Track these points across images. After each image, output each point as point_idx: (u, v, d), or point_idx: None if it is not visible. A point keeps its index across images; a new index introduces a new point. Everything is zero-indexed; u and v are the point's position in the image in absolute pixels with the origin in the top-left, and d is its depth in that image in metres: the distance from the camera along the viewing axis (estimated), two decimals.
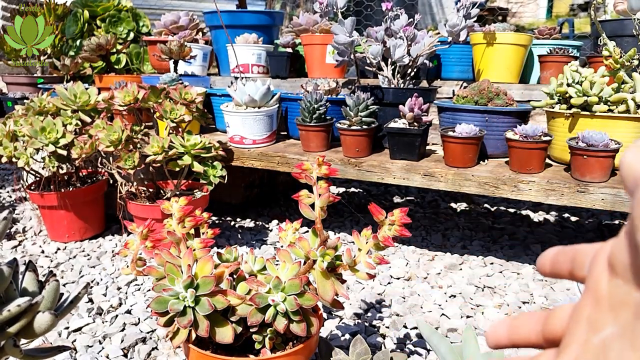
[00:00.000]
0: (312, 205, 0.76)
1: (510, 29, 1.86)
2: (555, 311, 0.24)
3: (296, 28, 2.17)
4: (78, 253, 1.59)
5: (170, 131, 1.49)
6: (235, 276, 0.81)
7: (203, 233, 0.86)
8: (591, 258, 0.22)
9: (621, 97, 1.23)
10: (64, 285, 1.38)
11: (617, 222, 1.93)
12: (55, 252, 1.60)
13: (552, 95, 1.35)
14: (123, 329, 1.15)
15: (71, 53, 2.44)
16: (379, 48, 1.50)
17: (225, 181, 1.50)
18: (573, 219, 1.96)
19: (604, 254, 0.21)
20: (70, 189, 1.65)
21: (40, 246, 1.63)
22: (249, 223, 1.87)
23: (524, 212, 2.03)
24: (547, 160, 1.41)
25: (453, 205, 2.12)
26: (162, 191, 1.62)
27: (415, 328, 1.17)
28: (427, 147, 1.56)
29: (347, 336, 1.12)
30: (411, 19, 1.53)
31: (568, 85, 1.30)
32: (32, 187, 1.67)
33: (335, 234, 1.78)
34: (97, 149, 1.46)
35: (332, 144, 1.61)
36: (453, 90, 1.88)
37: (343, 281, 0.78)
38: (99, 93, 1.60)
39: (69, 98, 1.55)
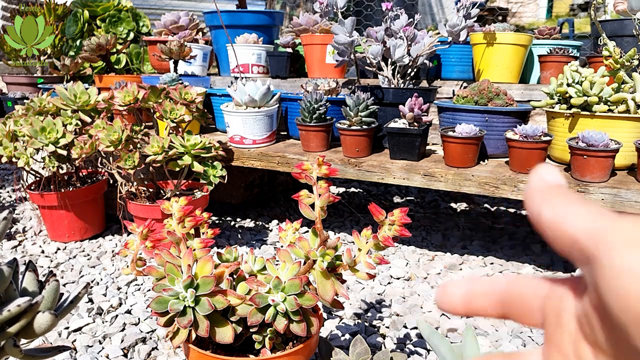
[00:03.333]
0: (312, 205, 0.76)
1: (510, 29, 1.86)
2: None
3: (296, 28, 2.17)
4: (78, 253, 1.59)
5: (170, 131, 1.49)
6: (235, 276, 0.81)
7: (203, 233, 0.86)
8: (549, 310, 0.21)
9: (621, 97, 1.23)
10: (64, 285, 1.38)
11: None
12: (55, 252, 1.59)
13: (552, 95, 1.35)
14: (123, 329, 1.15)
15: (71, 53, 2.44)
16: (379, 48, 1.50)
17: (225, 181, 1.50)
18: None
19: (569, 314, 0.20)
20: (70, 189, 1.65)
21: (40, 246, 1.63)
22: (249, 223, 1.87)
23: (524, 212, 2.03)
24: (547, 160, 1.40)
25: (453, 205, 2.12)
26: (162, 191, 1.62)
27: (415, 328, 1.17)
28: (427, 147, 1.56)
29: (347, 336, 1.12)
30: (411, 19, 1.53)
31: (568, 85, 1.30)
32: (32, 187, 1.67)
33: (335, 234, 1.78)
34: (97, 149, 1.46)
35: (332, 144, 1.61)
36: (453, 90, 1.88)
37: (343, 281, 0.78)
38: (99, 93, 1.60)
39: (69, 98, 1.55)
